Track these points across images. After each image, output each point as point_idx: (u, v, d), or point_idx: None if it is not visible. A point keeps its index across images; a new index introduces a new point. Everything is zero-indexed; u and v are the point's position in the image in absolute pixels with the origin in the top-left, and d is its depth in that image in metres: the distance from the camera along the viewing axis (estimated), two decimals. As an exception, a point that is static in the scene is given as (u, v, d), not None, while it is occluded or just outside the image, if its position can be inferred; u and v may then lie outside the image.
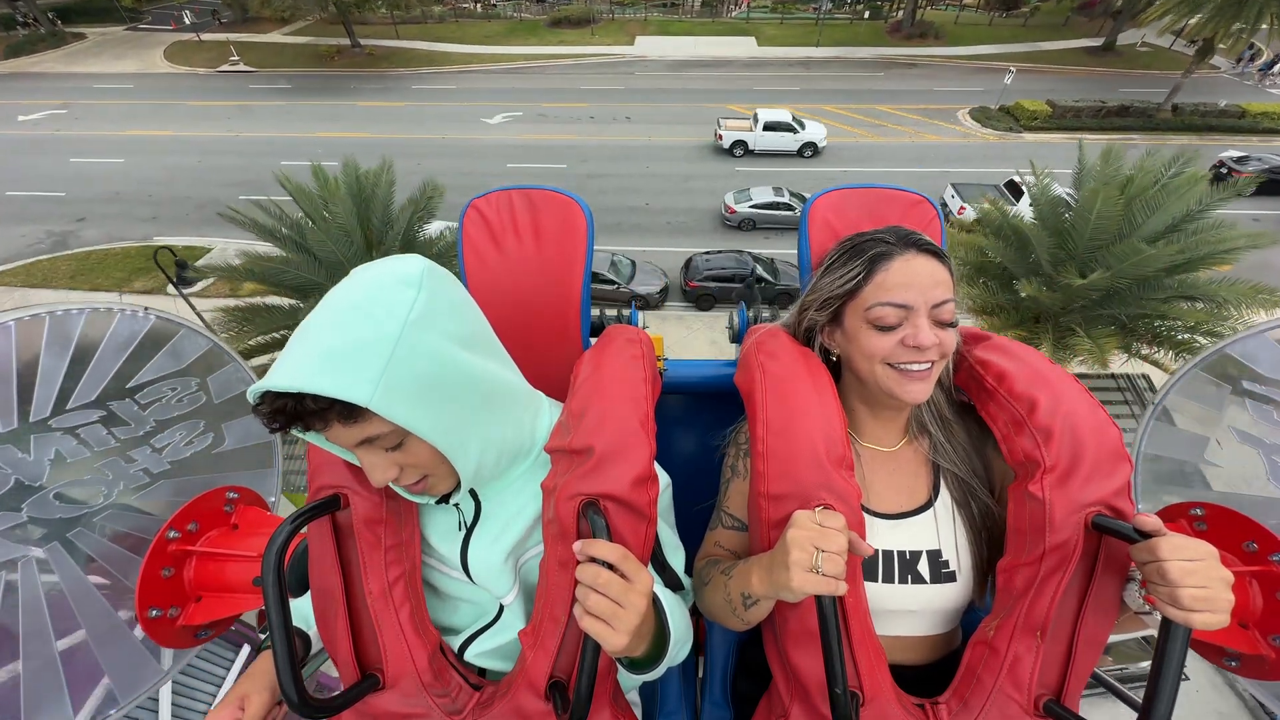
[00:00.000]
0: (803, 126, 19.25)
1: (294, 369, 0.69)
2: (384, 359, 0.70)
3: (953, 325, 0.98)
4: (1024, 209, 9.47)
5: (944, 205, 17.97)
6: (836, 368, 1.14)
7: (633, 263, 14.67)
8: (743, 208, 16.63)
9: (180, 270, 9.22)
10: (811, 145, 19.35)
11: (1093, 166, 8.68)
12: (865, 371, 1.02)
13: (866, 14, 37.75)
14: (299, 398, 0.69)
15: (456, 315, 0.83)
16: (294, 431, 0.77)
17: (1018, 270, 8.73)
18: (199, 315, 9.41)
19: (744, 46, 32.77)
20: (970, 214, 18.22)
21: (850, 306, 1.03)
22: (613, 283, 13.91)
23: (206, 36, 31.71)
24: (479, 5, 40.26)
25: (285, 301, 8.80)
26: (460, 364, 0.80)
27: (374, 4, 29.93)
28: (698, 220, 16.76)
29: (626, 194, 18.02)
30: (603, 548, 0.77)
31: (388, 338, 0.71)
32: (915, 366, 0.97)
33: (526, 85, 27.68)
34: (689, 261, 14.74)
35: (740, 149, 19.59)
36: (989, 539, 1.03)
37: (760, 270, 13.88)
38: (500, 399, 0.90)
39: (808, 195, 15.38)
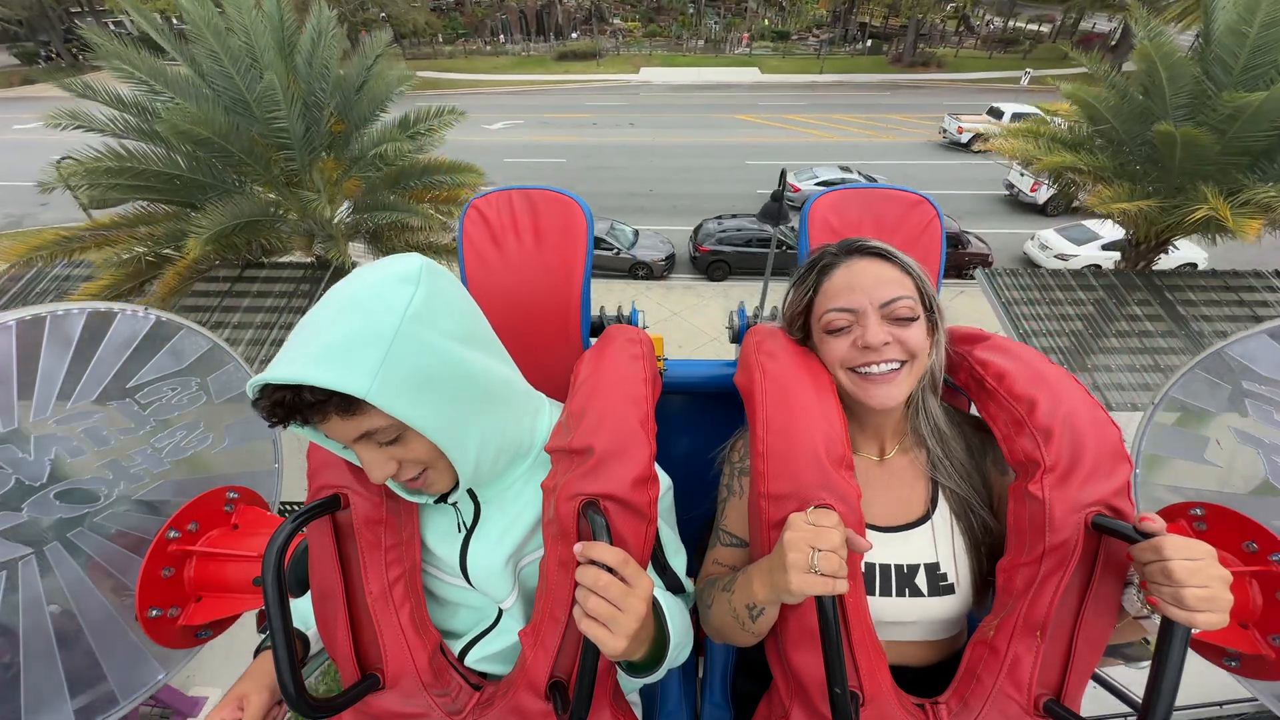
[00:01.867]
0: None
1: (292, 362, 0.69)
2: (382, 351, 0.70)
3: (912, 320, 0.98)
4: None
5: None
6: None
7: (635, 230, 13.40)
8: (807, 185, 15.36)
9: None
10: None
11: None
12: (835, 377, 1.05)
13: (869, 42, 38.87)
14: (297, 390, 0.69)
15: (455, 312, 0.83)
16: (292, 427, 0.77)
17: (1131, 131, 6.86)
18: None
19: (748, 75, 33.27)
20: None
21: (811, 320, 1.08)
22: (612, 247, 12.65)
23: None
24: (489, 45, 41.42)
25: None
26: (458, 359, 0.80)
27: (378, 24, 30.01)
28: (706, 205, 15.73)
29: (628, 183, 17.30)
30: (603, 551, 0.77)
31: (386, 331, 0.72)
32: (875, 369, 0.98)
33: (530, 103, 27.73)
34: (699, 227, 13.39)
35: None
36: (988, 551, 1.03)
37: (781, 234, 12.64)
38: (499, 397, 0.90)
39: (879, 178, 13.61)
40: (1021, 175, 16.40)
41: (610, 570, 0.76)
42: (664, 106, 26.62)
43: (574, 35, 42.62)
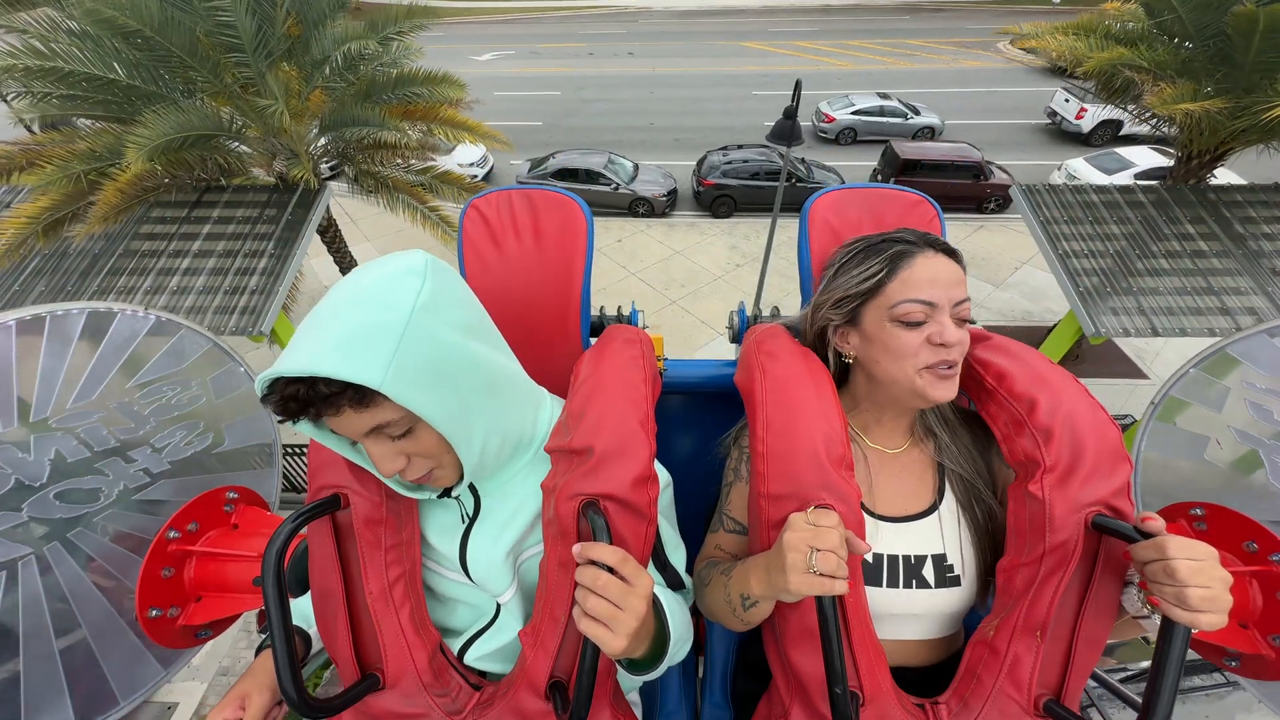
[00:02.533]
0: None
1: (306, 354, 0.69)
2: (394, 343, 0.71)
3: (968, 322, 0.99)
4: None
5: (1052, 114, 16.06)
6: (839, 371, 1.13)
7: (634, 164, 12.73)
8: (843, 114, 14.65)
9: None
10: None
11: None
12: (895, 373, 1.00)
13: None
14: (311, 383, 0.70)
15: (460, 304, 0.84)
16: (300, 425, 0.78)
17: (1199, 20, 6.11)
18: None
19: None
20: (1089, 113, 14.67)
21: (870, 305, 1.00)
22: (610, 182, 12.04)
23: None
24: None
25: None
26: (466, 351, 0.81)
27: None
28: (710, 138, 14.86)
29: (627, 116, 16.40)
30: (602, 551, 0.76)
31: (397, 323, 0.72)
32: (945, 368, 0.96)
33: (521, 32, 25.97)
34: (702, 160, 12.60)
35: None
36: (993, 542, 1.03)
37: (793, 165, 11.23)
38: (504, 388, 0.91)
39: (919, 108, 13.19)
40: (1066, 101, 15.49)
41: (610, 569, 0.76)
42: (666, 34, 25.21)
43: None
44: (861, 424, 1.11)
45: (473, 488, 0.99)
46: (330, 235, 8.76)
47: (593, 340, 1.28)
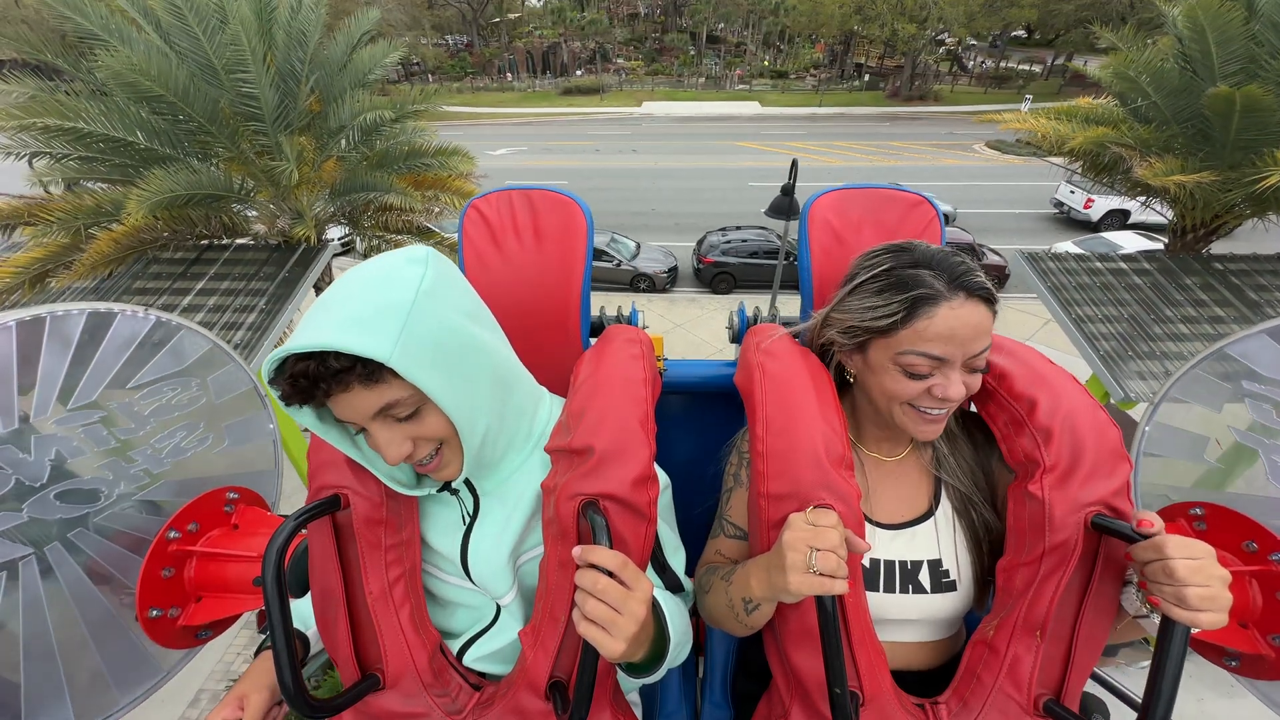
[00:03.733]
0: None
1: (315, 331, 0.71)
2: (401, 320, 0.73)
3: (982, 370, 0.93)
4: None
5: (1059, 205, 16.56)
6: (840, 375, 1.12)
7: (636, 243, 13.04)
8: None
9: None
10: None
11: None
12: (881, 406, 0.99)
13: (866, 77, 40.43)
14: (321, 358, 0.71)
15: (463, 292, 0.86)
16: (302, 414, 0.79)
17: (1175, 105, 6.30)
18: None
19: (748, 108, 34.17)
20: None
21: (879, 343, 0.95)
22: (612, 259, 12.26)
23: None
24: (495, 82, 42.96)
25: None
26: (470, 334, 0.83)
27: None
28: (709, 222, 15.33)
29: (631, 202, 17.36)
30: (602, 555, 0.76)
31: (403, 303, 0.74)
32: (936, 411, 0.94)
33: (534, 132, 28.31)
34: (702, 239, 12.92)
35: None
36: (990, 550, 1.03)
37: (790, 244, 11.15)
38: (505, 377, 0.92)
39: (930, 197, 14.45)
40: (1072, 192, 15.95)
41: (609, 573, 0.76)
42: (666, 135, 27.10)
43: (579, 73, 44.01)
44: (859, 431, 1.11)
45: (472, 488, 0.99)
46: None
47: (593, 340, 1.28)
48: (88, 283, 5.83)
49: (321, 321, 0.72)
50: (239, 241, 6.76)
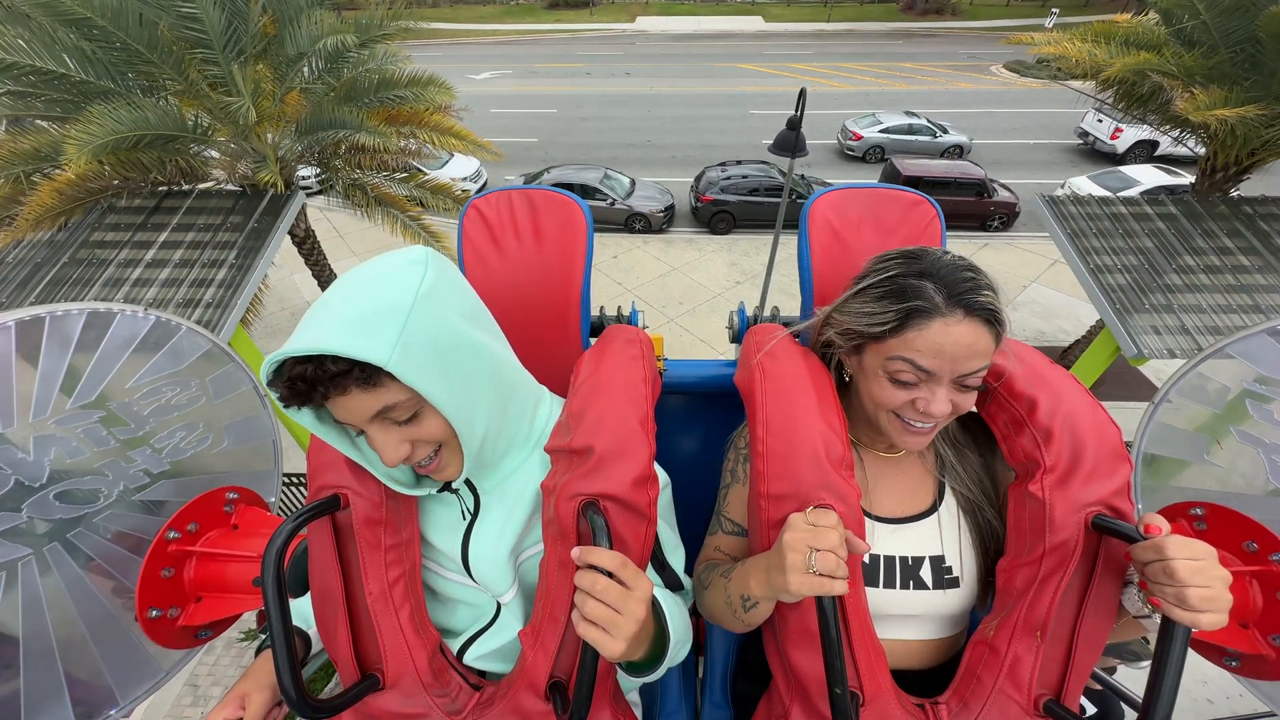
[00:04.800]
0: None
1: (313, 335, 0.71)
2: (400, 323, 0.73)
3: (975, 388, 0.91)
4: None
5: (1083, 134, 15.97)
6: (840, 375, 1.12)
7: (631, 180, 12.48)
8: (870, 132, 14.61)
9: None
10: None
11: None
12: (869, 411, 1.00)
13: None
14: (319, 362, 0.71)
15: (462, 294, 0.86)
16: (301, 415, 0.79)
17: (1226, 27, 5.80)
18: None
19: (750, 23, 32.07)
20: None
21: (872, 347, 0.95)
22: (606, 197, 11.76)
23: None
24: None
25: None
26: (469, 337, 0.83)
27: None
28: (708, 155, 14.66)
29: (624, 133, 16.43)
30: (601, 555, 0.76)
31: (402, 305, 0.74)
32: (919, 425, 0.93)
33: (519, 53, 26.49)
34: (700, 175, 12.33)
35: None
36: (996, 549, 1.03)
37: (795, 182, 10.67)
38: (505, 378, 0.92)
39: (947, 127, 13.28)
40: (1099, 121, 15.22)
41: (608, 574, 0.76)
42: (662, 56, 25.69)
43: None
44: (860, 429, 1.11)
45: (472, 486, 0.99)
46: (309, 247, 8.23)
47: (593, 340, 1.28)
48: (38, 235, 5.42)
49: (320, 323, 0.72)
50: (201, 187, 6.22)
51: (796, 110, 6.55)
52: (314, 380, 0.72)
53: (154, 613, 1.00)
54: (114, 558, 1.09)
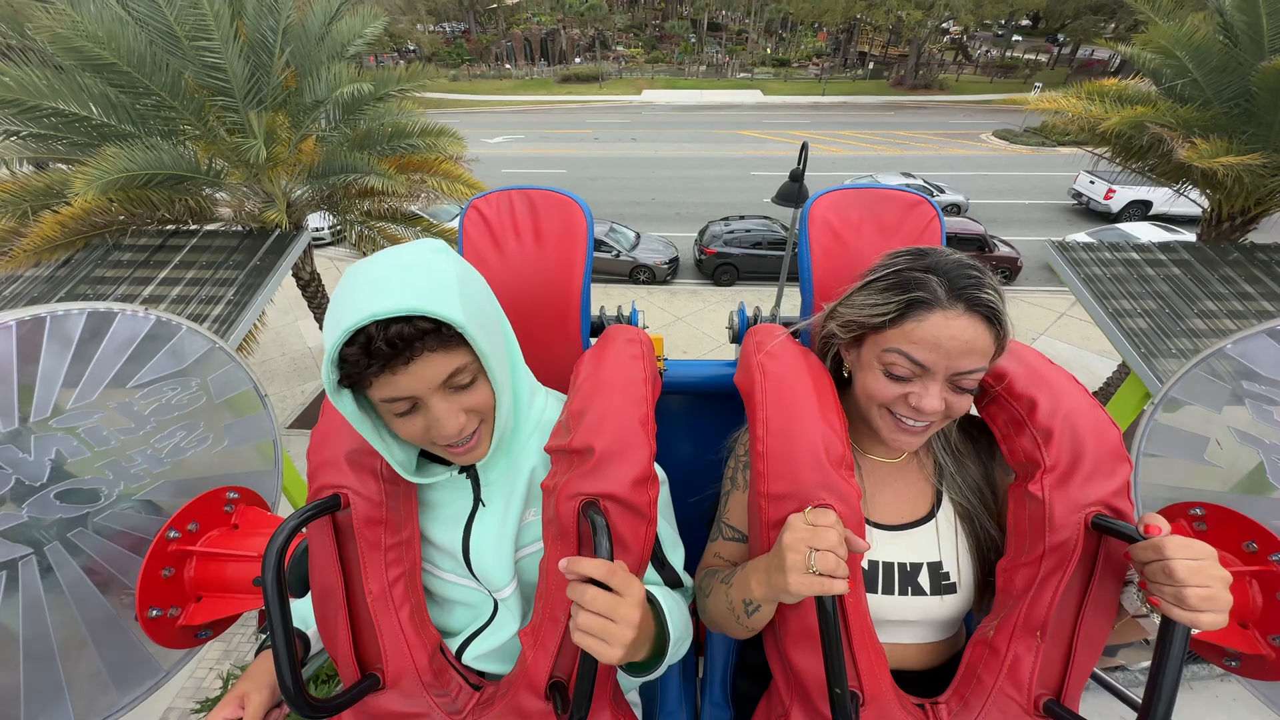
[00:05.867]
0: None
1: (385, 300, 0.72)
2: (458, 294, 0.77)
3: (970, 391, 0.91)
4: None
5: (1077, 196, 16.33)
6: (839, 375, 1.12)
7: (636, 233, 12.73)
8: None
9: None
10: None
11: None
12: (862, 406, 1.00)
13: (870, 65, 39.85)
14: (409, 321, 0.73)
15: (480, 277, 0.90)
16: (341, 397, 0.80)
17: (1218, 84, 5.97)
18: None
19: (750, 96, 33.68)
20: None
21: (871, 338, 0.96)
22: (611, 249, 11.97)
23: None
24: (493, 70, 42.56)
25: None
26: (497, 315, 0.90)
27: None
28: (711, 213, 14.96)
29: (630, 191, 17.08)
30: (589, 566, 0.76)
31: (451, 280, 0.78)
32: (911, 422, 0.93)
33: (531, 120, 27.99)
34: (704, 229, 12.58)
35: None
36: (993, 557, 1.03)
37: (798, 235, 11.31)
38: (518, 359, 0.99)
39: (944, 187, 13.62)
40: (1091, 183, 15.65)
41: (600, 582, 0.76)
42: (667, 124, 26.86)
43: (577, 60, 43.69)
44: (859, 433, 1.10)
45: (474, 478, 1.00)
46: (312, 290, 8.21)
47: (593, 340, 1.28)
48: (40, 270, 5.25)
49: (385, 291, 0.73)
50: (208, 227, 6.17)
51: (799, 163, 6.81)
52: (410, 338, 0.74)
53: (154, 612, 1.00)
54: (114, 557, 1.09)
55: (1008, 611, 0.91)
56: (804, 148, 6.84)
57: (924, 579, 1.00)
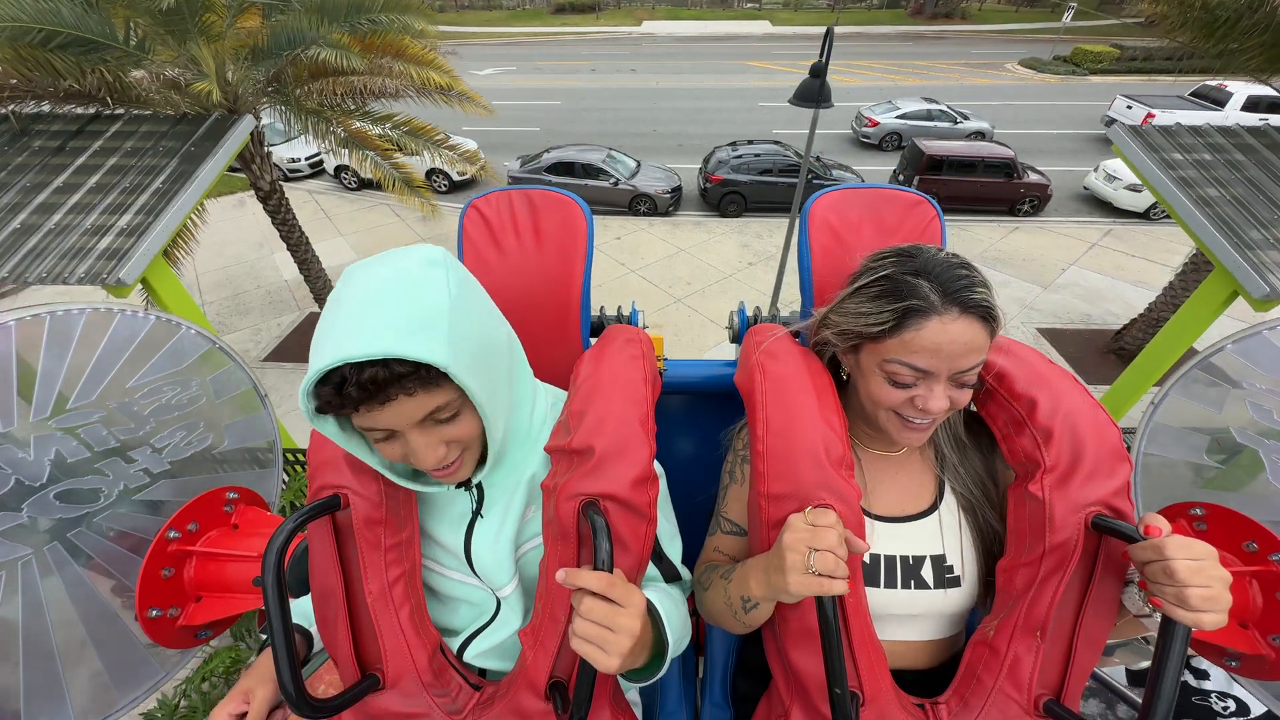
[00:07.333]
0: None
1: (369, 340, 0.69)
2: (446, 326, 0.73)
3: (971, 385, 0.91)
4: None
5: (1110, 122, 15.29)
6: (839, 374, 1.12)
7: (636, 161, 11.92)
8: (887, 119, 14.18)
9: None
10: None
11: None
12: (868, 409, 1.00)
13: None
14: (386, 365, 0.70)
15: (478, 291, 0.86)
16: (326, 426, 0.78)
17: None
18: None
19: (757, 27, 31.85)
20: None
21: (869, 347, 0.95)
22: (609, 178, 11.23)
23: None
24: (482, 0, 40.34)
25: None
26: (493, 336, 0.84)
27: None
28: (715, 144, 13.73)
29: (629, 123, 15.99)
30: (588, 579, 0.75)
31: (442, 309, 0.74)
32: (919, 420, 0.93)
33: (523, 52, 26.29)
34: (709, 155, 11.76)
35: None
36: (996, 550, 1.03)
37: (812, 165, 9.87)
38: (519, 373, 0.95)
39: (968, 114, 12.93)
40: (1129, 107, 14.70)
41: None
42: (668, 55, 25.39)
43: None
44: (860, 429, 1.11)
45: (474, 487, 0.99)
46: (275, 204, 7.45)
47: (593, 340, 1.28)
48: None
49: (365, 330, 0.70)
50: (135, 112, 5.34)
51: (821, 56, 5.76)
52: (384, 383, 0.71)
53: (154, 612, 1.00)
54: (114, 557, 1.09)
55: (1008, 611, 0.91)
56: (828, 33, 5.79)
57: (927, 572, 1.00)
